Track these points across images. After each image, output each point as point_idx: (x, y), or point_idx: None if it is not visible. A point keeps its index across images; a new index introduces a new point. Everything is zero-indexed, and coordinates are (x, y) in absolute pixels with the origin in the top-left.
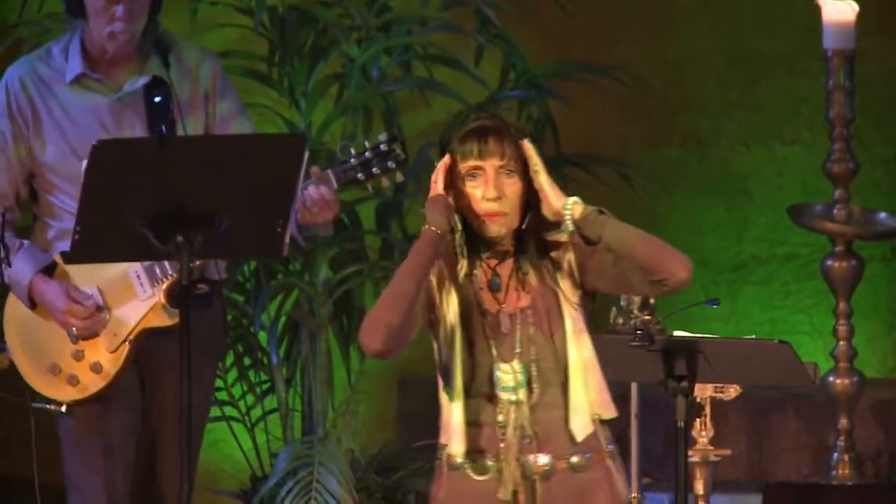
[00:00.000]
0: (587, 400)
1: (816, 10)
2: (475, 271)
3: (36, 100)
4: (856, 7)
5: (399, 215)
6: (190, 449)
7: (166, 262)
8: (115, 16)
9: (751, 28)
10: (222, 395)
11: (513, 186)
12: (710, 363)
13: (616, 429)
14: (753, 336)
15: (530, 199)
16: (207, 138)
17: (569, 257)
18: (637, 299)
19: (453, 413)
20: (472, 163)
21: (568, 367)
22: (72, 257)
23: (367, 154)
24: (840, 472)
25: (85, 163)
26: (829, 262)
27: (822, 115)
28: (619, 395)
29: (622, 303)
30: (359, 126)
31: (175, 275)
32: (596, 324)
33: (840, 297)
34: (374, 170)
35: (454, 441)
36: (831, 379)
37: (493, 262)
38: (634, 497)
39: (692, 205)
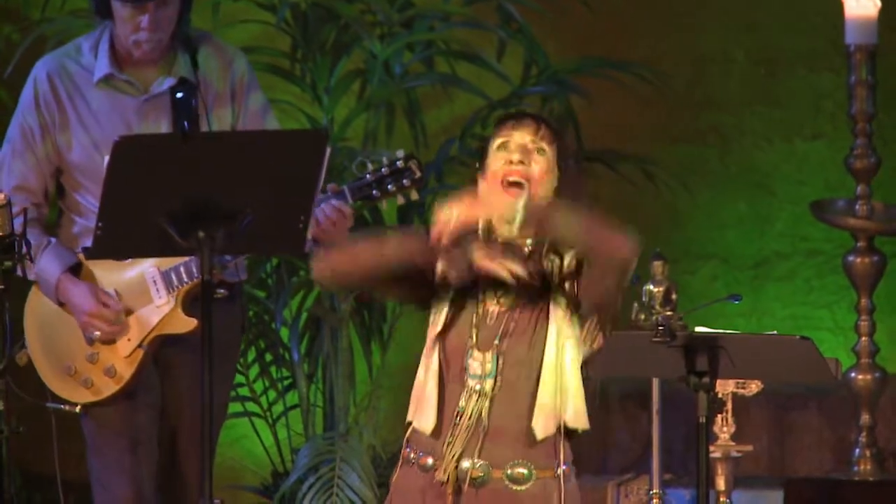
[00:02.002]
0: (554, 403)
1: (839, 5)
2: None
3: (63, 97)
4: (878, 2)
5: (421, 211)
6: (210, 448)
7: (182, 269)
8: (141, 26)
9: (773, 23)
10: (244, 391)
11: (540, 163)
12: (731, 359)
13: (637, 425)
14: (775, 332)
15: (557, 190)
16: (229, 134)
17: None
18: (659, 295)
19: (427, 390)
20: (503, 134)
21: (542, 369)
22: (93, 253)
23: (383, 171)
24: (862, 468)
25: (107, 158)
26: (850, 258)
27: (844, 111)
28: (640, 391)
29: (644, 298)
30: (381, 122)
31: (191, 282)
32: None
33: (862, 292)
34: (389, 187)
35: (425, 416)
36: (853, 375)
37: (503, 256)
38: (656, 493)
39: (714, 201)
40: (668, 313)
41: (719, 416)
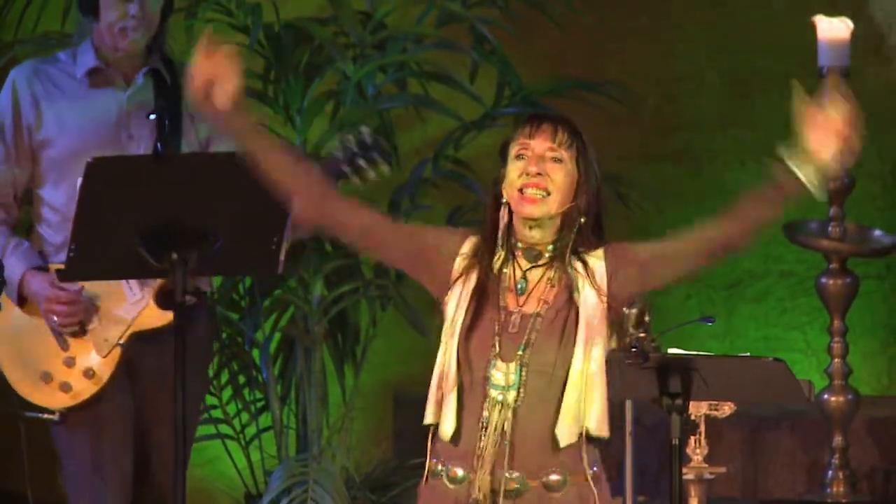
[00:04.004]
0: (578, 410)
1: (812, 27)
2: (505, 269)
3: (41, 96)
4: (851, 24)
5: None
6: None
7: None
8: (130, 12)
9: (745, 44)
10: (217, 413)
11: (558, 172)
12: (704, 380)
13: (610, 447)
14: (748, 353)
15: (578, 195)
16: (202, 156)
17: (600, 267)
18: (632, 317)
19: (447, 394)
20: (521, 141)
21: (568, 377)
22: (67, 274)
23: (352, 147)
24: (835, 489)
25: (80, 180)
26: (823, 280)
27: None
28: (613, 413)
29: (617, 320)
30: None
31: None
32: None
33: (835, 314)
34: (359, 162)
35: (447, 422)
36: (826, 397)
37: (525, 265)
38: None
39: (686, 221)
40: (641, 335)
41: (692, 437)
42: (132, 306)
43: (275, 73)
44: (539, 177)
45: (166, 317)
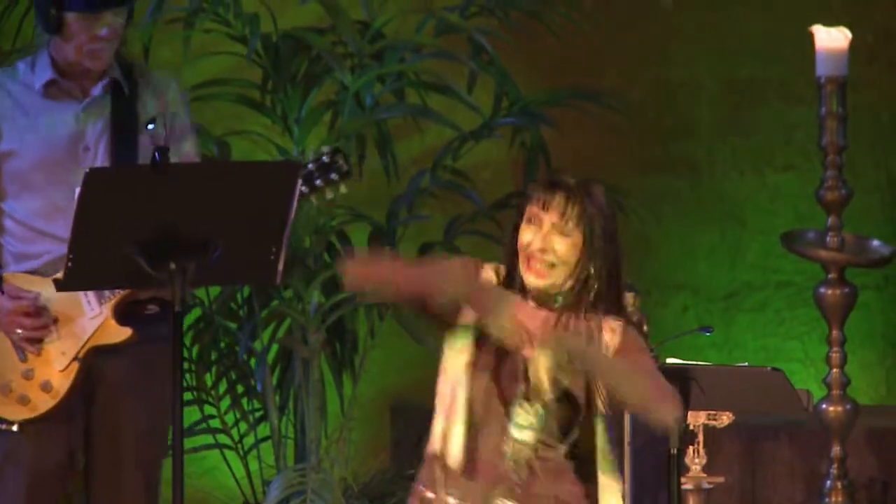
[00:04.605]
0: (616, 478)
1: (810, 37)
2: None
3: (1, 109)
4: (849, 34)
5: (391, 241)
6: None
7: None
8: (100, 35)
9: (744, 54)
10: (215, 423)
11: (563, 245)
12: (703, 390)
13: None
14: (746, 363)
15: (585, 267)
16: (201, 165)
17: (611, 349)
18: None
19: (454, 421)
20: (534, 209)
21: (596, 452)
22: (64, 285)
23: (310, 166)
24: (833, 499)
25: (78, 190)
26: (822, 290)
27: (815, 142)
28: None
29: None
30: (352, 153)
31: (121, 292)
32: None
33: (833, 324)
34: (317, 182)
35: (452, 449)
36: (824, 406)
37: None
38: None
39: (685, 231)
40: None
41: (691, 447)
42: (90, 321)
43: (272, 83)
44: (542, 252)
45: (125, 332)
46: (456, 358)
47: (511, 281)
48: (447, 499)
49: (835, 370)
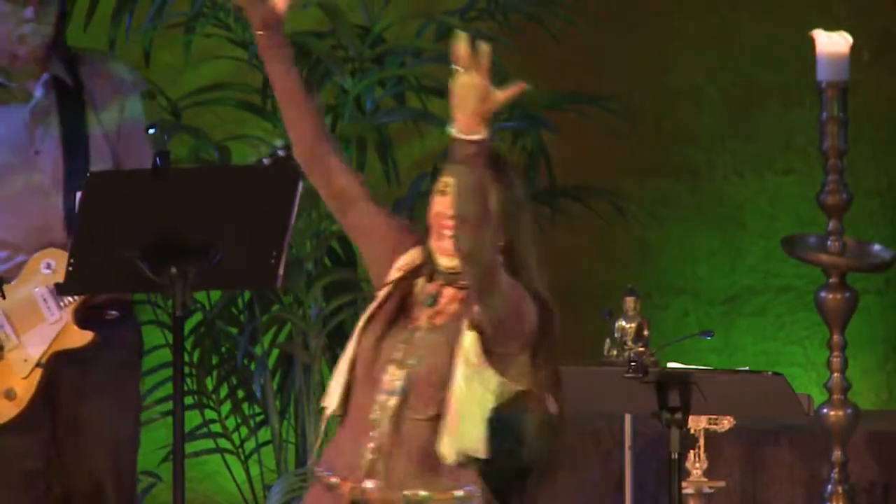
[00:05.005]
0: (457, 431)
1: (810, 42)
2: (428, 283)
3: None
4: (850, 39)
5: None
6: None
7: None
8: (25, 17)
9: (744, 58)
10: (216, 427)
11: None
12: (703, 395)
13: (610, 461)
14: (747, 368)
15: (496, 236)
16: (202, 170)
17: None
18: (631, 331)
19: (338, 375)
20: (445, 178)
21: (448, 394)
22: (65, 288)
23: (265, 161)
24: None
25: (79, 194)
26: (822, 294)
27: (816, 146)
28: (612, 427)
29: (616, 334)
30: (352, 158)
31: (81, 296)
32: (588, 355)
33: (834, 328)
34: None
35: (332, 396)
36: (825, 411)
37: (441, 282)
38: None
39: (685, 235)
40: (641, 349)
41: (692, 451)
42: (51, 326)
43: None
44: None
45: (86, 336)
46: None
47: (421, 265)
48: (330, 479)
49: (835, 374)
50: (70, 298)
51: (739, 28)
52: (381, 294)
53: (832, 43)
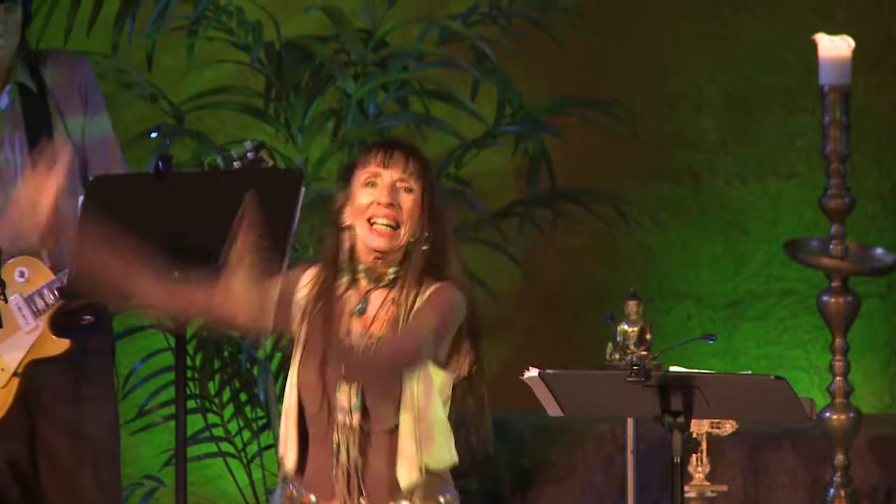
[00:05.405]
0: (416, 450)
1: (812, 45)
2: (348, 293)
3: None
4: (852, 43)
5: None
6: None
7: (46, 292)
8: None
9: (746, 62)
10: (218, 432)
11: (408, 203)
12: (706, 399)
13: (612, 465)
14: (749, 372)
15: (425, 226)
16: (205, 174)
17: (445, 319)
18: (633, 335)
19: (288, 425)
20: (372, 169)
21: (400, 409)
22: (68, 293)
23: (235, 164)
24: None
25: (82, 198)
26: (825, 298)
27: (818, 150)
28: (615, 431)
29: (618, 338)
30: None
31: (56, 304)
32: (591, 359)
33: (836, 332)
34: None
35: (288, 452)
36: (828, 415)
37: (367, 287)
38: None
39: (688, 239)
40: (643, 353)
41: (694, 455)
42: (27, 335)
43: (276, 92)
44: (390, 207)
45: (63, 344)
46: (292, 368)
47: (335, 271)
48: (309, 496)
49: (838, 378)
50: (45, 306)
51: (741, 32)
52: (302, 333)
53: (834, 47)
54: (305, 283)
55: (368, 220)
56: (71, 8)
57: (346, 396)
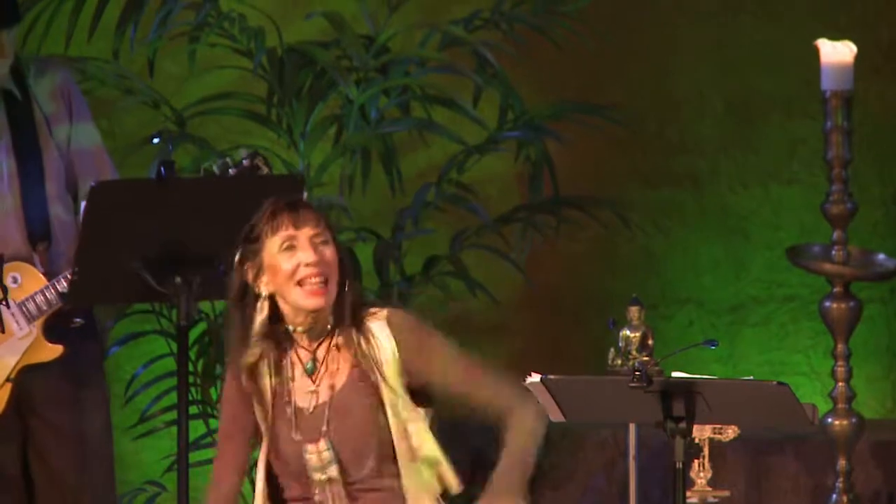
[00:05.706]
0: (425, 482)
1: (814, 50)
2: (284, 362)
3: None
4: (854, 48)
5: (397, 256)
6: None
7: (38, 299)
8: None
9: (748, 67)
10: None
11: (329, 254)
12: (708, 404)
13: (614, 471)
14: (752, 377)
15: (344, 270)
16: (206, 180)
17: (392, 346)
18: (636, 340)
19: None
20: (285, 233)
21: (394, 445)
22: (69, 299)
23: (230, 172)
24: None
25: (83, 204)
26: (827, 304)
27: (820, 156)
28: (617, 437)
29: (620, 344)
30: (357, 167)
31: (49, 310)
32: (593, 364)
33: (838, 338)
34: None
35: None
36: (830, 420)
37: (310, 345)
38: None
39: (689, 245)
40: (645, 359)
41: (696, 461)
42: (20, 341)
43: (278, 98)
44: (318, 265)
45: (56, 350)
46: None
47: (247, 344)
48: None
49: (840, 384)
50: (38, 312)
51: (742, 37)
52: (263, 426)
53: (836, 52)
54: (247, 360)
55: (298, 283)
56: (72, 14)
57: (315, 456)
